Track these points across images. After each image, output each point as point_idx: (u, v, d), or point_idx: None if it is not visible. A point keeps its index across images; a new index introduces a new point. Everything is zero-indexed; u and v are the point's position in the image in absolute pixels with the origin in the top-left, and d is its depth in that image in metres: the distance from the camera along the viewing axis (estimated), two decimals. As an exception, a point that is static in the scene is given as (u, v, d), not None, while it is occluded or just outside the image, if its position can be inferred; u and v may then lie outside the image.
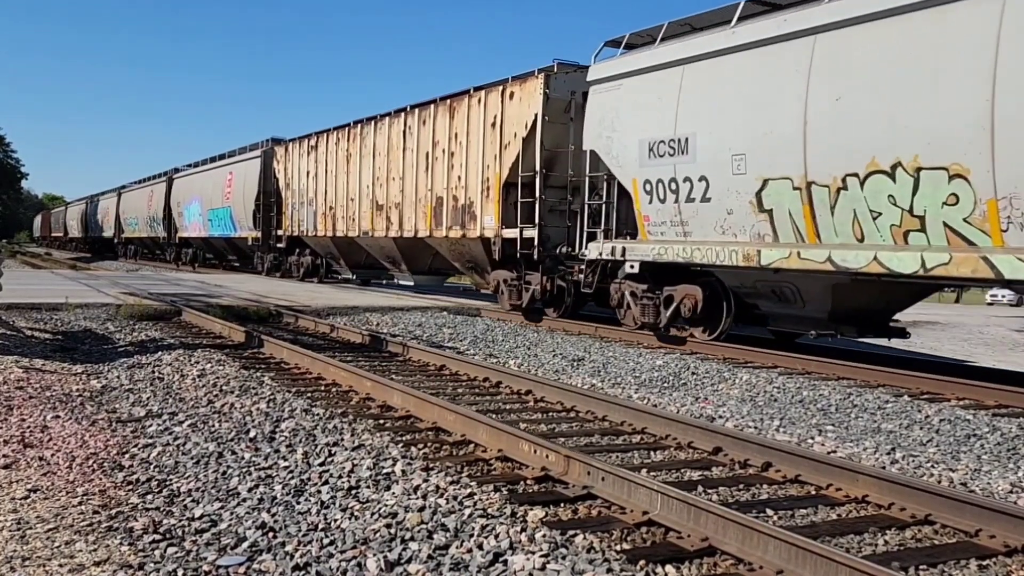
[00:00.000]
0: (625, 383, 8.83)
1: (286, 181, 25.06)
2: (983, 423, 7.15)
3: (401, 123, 18.52)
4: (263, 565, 3.58)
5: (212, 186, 32.12)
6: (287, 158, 25.04)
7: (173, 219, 38.05)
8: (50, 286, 18.53)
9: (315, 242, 23.56)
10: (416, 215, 17.68)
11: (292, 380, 8.21)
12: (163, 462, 5.16)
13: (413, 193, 17.79)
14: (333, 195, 21.65)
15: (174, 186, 37.72)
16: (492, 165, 15.16)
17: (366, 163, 20.01)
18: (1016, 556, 4.00)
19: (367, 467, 4.98)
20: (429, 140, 17.16)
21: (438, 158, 16.87)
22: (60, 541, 3.79)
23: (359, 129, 20.49)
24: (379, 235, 19.38)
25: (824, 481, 5.01)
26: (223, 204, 30.73)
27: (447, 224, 16.55)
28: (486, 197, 15.31)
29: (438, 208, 16.87)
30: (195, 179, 34.98)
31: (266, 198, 26.66)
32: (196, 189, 34.34)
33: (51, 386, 7.34)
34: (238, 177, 29.22)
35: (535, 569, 3.55)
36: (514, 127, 14.59)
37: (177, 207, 37.10)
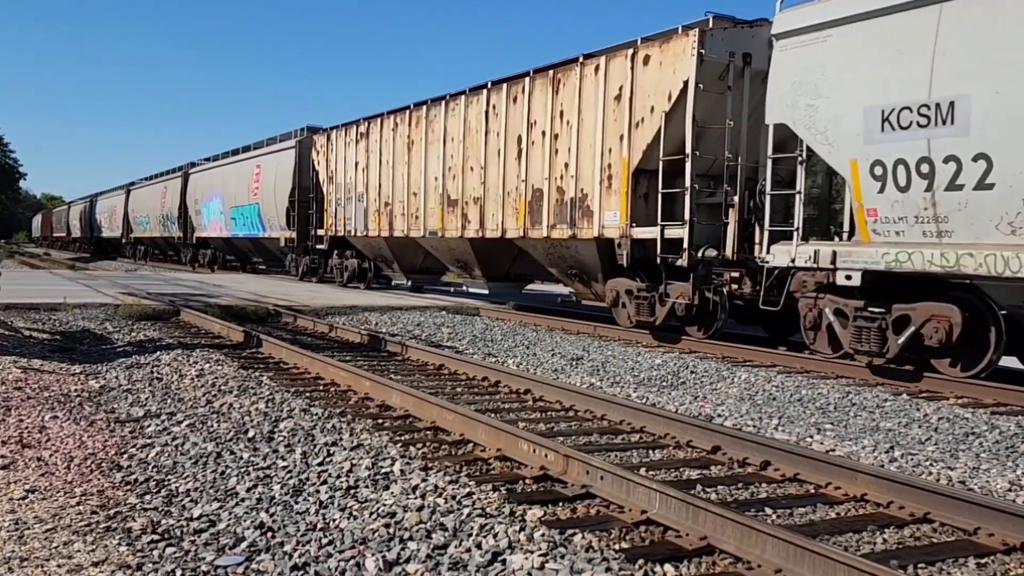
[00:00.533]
0: (624, 382, 8.83)
1: (328, 174, 21.78)
2: (982, 421, 7.15)
3: (482, 102, 15.37)
4: (262, 565, 3.57)
5: (236, 181, 29.13)
6: (329, 148, 21.76)
7: (190, 218, 35.28)
8: (48, 286, 18.51)
9: (364, 243, 20.53)
10: (503, 212, 14.73)
11: (291, 380, 8.21)
12: (161, 462, 5.15)
13: (499, 185, 14.85)
14: (389, 189, 18.70)
15: (190, 182, 35.04)
16: (616, 148, 12.30)
17: (434, 151, 16.96)
18: (1015, 554, 4.00)
19: (366, 467, 4.98)
20: (522, 121, 14.21)
21: (535, 142, 13.96)
22: (58, 541, 3.79)
23: (424, 112, 17.29)
24: (451, 235, 16.41)
25: (823, 480, 5.01)
26: (249, 201, 27.82)
27: (549, 222, 13.68)
28: (607, 188, 12.51)
29: (535, 203, 14.01)
30: (216, 174, 32.06)
31: (302, 194, 23.71)
32: (217, 185, 31.38)
33: (49, 386, 7.33)
34: (268, 171, 26.23)
35: (534, 568, 3.55)
36: (650, 99, 11.77)
37: (194, 204, 34.41)
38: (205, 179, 33.39)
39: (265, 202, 26.39)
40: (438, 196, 16.81)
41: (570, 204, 13.24)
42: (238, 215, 29.13)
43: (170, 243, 40.31)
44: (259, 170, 26.97)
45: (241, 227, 29.09)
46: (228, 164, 30.81)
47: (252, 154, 28.52)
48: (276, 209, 25.37)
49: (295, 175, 24.06)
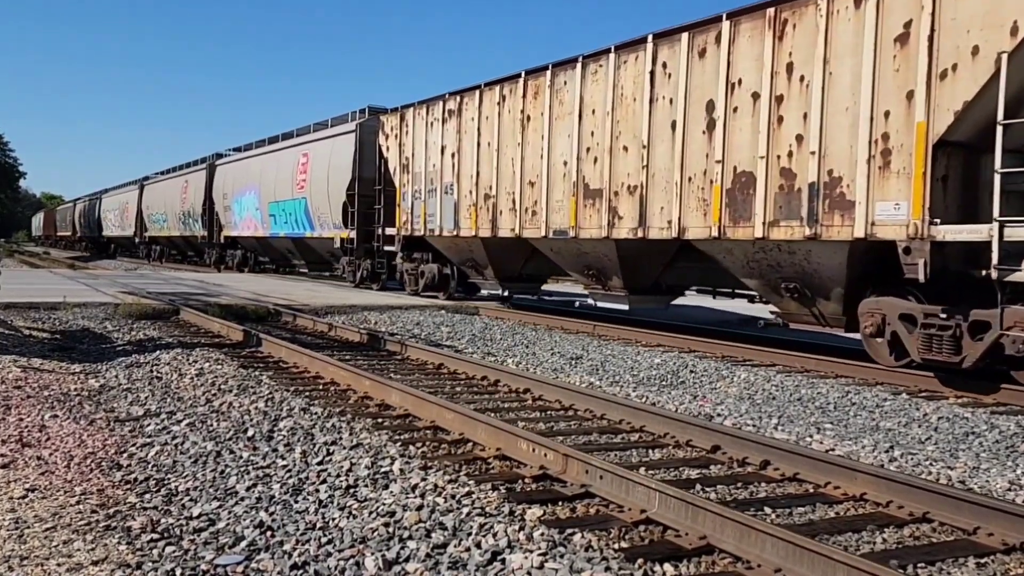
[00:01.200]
0: (623, 381, 8.83)
1: (401, 162, 18.07)
2: (981, 421, 7.15)
3: (643, 61, 11.67)
4: (261, 564, 3.57)
5: (276, 173, 25.51)
6: (403, 130, 18.00)
7: (216, 215, 31.79)
8: (48, 285, 18.52)
9: (449, 245, 16.83)
10: (678, 203, 11.01)
11: (290, 379, 8.21)
12: (161, 461, 5.15)
13: (672, 169, 11.10)
14: (492, 178, 14.88)
15: (217, 174, 31.63)
16: (900, 111, 8.63)
17: (563, 128, 13.22)
18: (1014, 554, 4.00)
19: (365, 466, 4.98)
20: (715, 80, 10.52)
21: (738, 109, 10.22)
22: (58, 540, 3.79)
23: (547, 79, 13.56)
24: (590, 235, 12.64)
25: (822, 479, 5.01)
26: (293, 195, 24.17)
27: (766, 217, 9.84)
28: (880, 168, 8.81)
29: (738, 191, 10.22)
30: (250, 165, 28.43)
31: (364, 186, 20.24)
32: (251, 177, 27.81)
33: (49, 385, 7.33)
34: (318, 160, 22.71)
35: (533, 568, 3.55)
36: (971, 35, 8.00)
37: (223, 200, 30.79)
38: (236, 171, 29.80)
39: (315, 196, 22.78)
40: (569, 185, 13.06)
41: (807, 192, 9.45)
42: (278, 211, 25.60)
43: (191, 243, 36.85)
44: (306, 159, 23.44)
45: (282, 225, 25.52)
46: (266, 154, 27.32)
47: (297, 141, 24.93)
48: (329, 205, 21.89)
49: (355, 164, 20.50)
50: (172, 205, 37.87)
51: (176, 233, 37.88)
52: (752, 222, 10.04)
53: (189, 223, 35.64)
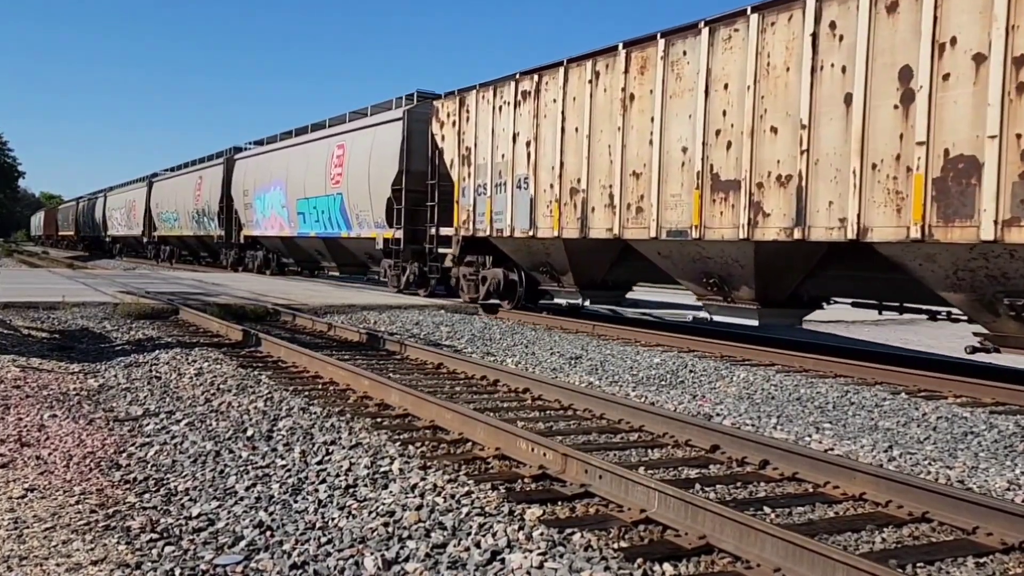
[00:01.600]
0: (623, 381, 8.83)
1: (461, 152, 15.80)
2: (980, 421, 7.16)
3: (798, 22, 9.46)
4: (260, 564, 3.57)
5: (306, 167, 23.26)
6: (463, 117, 15.76)
7: (235, 212, 29.65)
8: (47, 285, 18.51)
9: (520, 246, 14.37)
10: (856, 196, 8.73)
11: (289, 379, 8.21)
12: (160, 461, 5.15)
13: (849, 154, 8.83)
14: (580, 170, 12.52)
15: (237, 169, 29.52)
16: None
17: (680, 107, 10.96)
18: (1013, 554, 4.01)
19: (364, 466, 4.98)
20: (912, 42, 8.28)
21: (950, 75, 7.97)
22: (57, 540, 3.78)
23: (659, 50, 11.27)
24: (719, 235, 10.40)
25: (821, 479, 5.01)
26: (326, 191, 21.81)
27: (999, 213, 7.57)
28: None
29: (950, 180, 7.98)
30: (274, 159, 26.10)
31: (412, 181, 18.11)
32: (276, 172, 25.47)
33: (48, 385, 7.33)
34: (357, 152, 20.42)
35: (532, 567, 3.55)
36: None
37: (243, 197, 28.58)
38: (258, 166, 27.47)
39: (352, 192, 20.43)
40: (690, 177, 10.82)
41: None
42: (308, 209, 23.19)
43: (205, 243, 34.37)
44: (342, 152, 21.05)
45: (312, 224, 23.13)
46: (293, 146, 24.91)
47: (330, 132, 22.53)
48: (370, 201, 19.57)
49: (402, 156, 18.18)
50: (185, 203, 35.49)
51: (189, 233, 35.36)
52: (975, 220, 7.74)
53: (204, 222, 33.16)
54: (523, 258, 14.78)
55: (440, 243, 17.24)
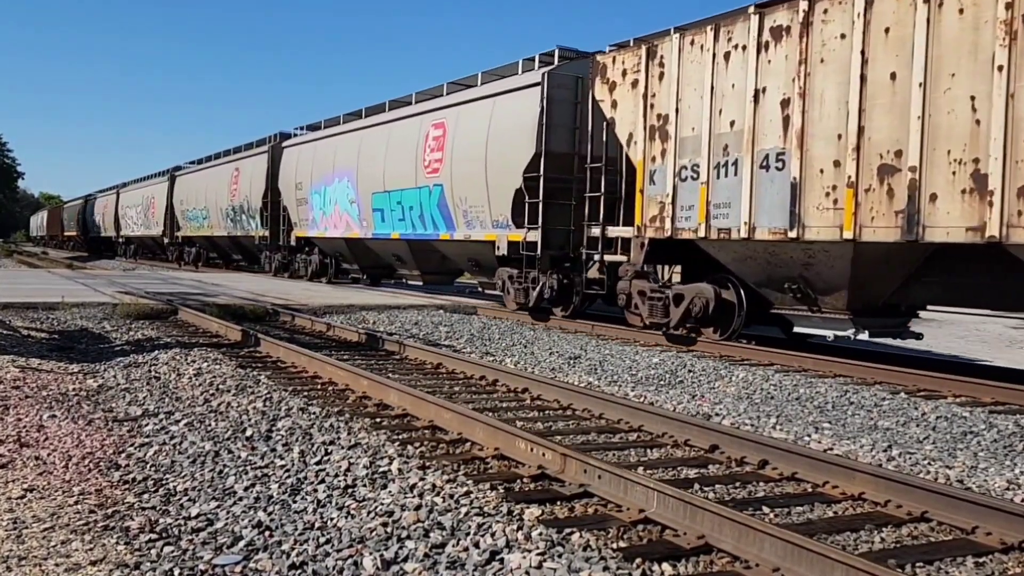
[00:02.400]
0: (622, 381, 8.83)
1: (649, 122, 11.70)
2: (980, 420, 7.16)
3: None
4: (259, 564, 3.57)
5: (385, 153, 19.12)
6: (651, 72, 11.73)
7: (285, 209, 25.53)
8: (47, 285, 18.51)
9: (752, 253, 10.51)
10: None
11: (288, 379, 8.21)
12: (159, 461, 5.15)
13: None
14: (906, 136, 8.53)
15: (285, 159, 25.43)
16: None
17: None
18: (1012, 553, 4.01)
19: (363, 466, 4.98)
20: None
21: None
22: (56, 540, 3.78)
23: None
24: None
25: (821, 478, 5.01)
26: (417, 183, 17.73)
27: None
28: None
29: None
30: (337, 145, 21.84)
31: (553, 165, 13.86)
32: (341, 160, 21.33)
33: (47, 385, 7.33)
34: (465, 131, 16.15)
35: (531, 567, 3.55)
36: None
37: (295, 191, 24.35)
38: (317, 154, 23.02)
39: (459, 183, 16.28)
40: None
41: None
42: (389, 205, 19.14)
43: (241, 244, 30.22)
44: (441, 132, 17.06)
45: (393, 223, 19.10)
46: (368, 128, 20.51)
47: (423, 108, 18.12)
48: (487, 194, 15.37)
49: (540, 133, 13.71)
50: (217, 199, 31.09)
51: (221, 232, 31.00)
52: None
53: (242, 221, 28.89)
54: (755, 270, 10.67)
55: (606, 247, 13.20)
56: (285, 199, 25.40)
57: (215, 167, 32.17)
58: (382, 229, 19.78)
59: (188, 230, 35.98)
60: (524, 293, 14.81)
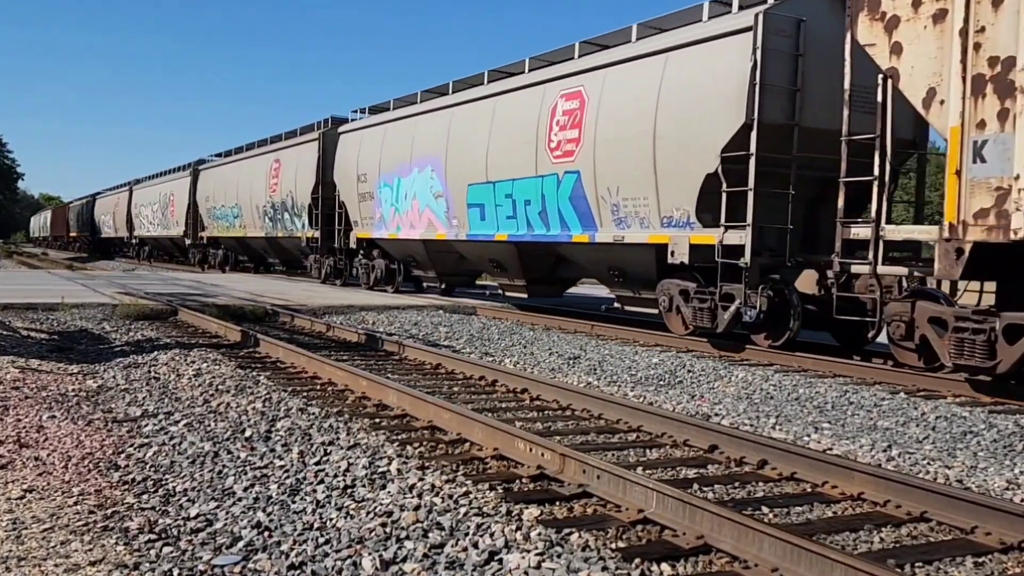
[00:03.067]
0: (621, 381, 8.83)
1: (975, 71, 7.84)
2: (979, 420, 7.16)
3: None
4: (259, 564, 3.57)
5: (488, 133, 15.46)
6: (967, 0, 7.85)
7: (343, 205, 21.25)
8: (46, 286, 18.51)
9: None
10: None
11: (288, 379, 8.21)
12: (159, 462, 5.15)
13: None
14: None
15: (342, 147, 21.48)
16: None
17: None
18: (1012, 553, 4.01)
19: (363, 466, 4.98)
20: None
21: None
22: (56, 541, 3.78)
23: None
24: None
25: (820, 478, 5.01)
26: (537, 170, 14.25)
27: None
28: None
29: None
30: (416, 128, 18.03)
31: (770, 140, 10.46)
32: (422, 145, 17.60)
33: (47, 386, 7.33)
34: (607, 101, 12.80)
35: (530, 567, 3.55)
36: None
37: (356, 185, 20.40)
38: (386, 139, 19.21)
39: (605, 169, 12.77)
40: None
41: None
42: (493, 199, 15.40)
43: (280, 246, 26.48)
44: (578, 103, 13.35)
45: (498, 222, 15.39)
46: (457, 105, 16.78)
47: (547, 75, 14.37)
48: (655, 182, 11.90)
49: (752, 95, 10.38)
50: (252, 194, 27.44)
51: (256, 233, 27.40)
52: None
53: (282, 219, 25.30)
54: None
55: (886, 253, 9.18)
56: (343, 194, 21.30)
57: (249, 159, 28.20)
58: (481, 229, 15.92)
59: (214, 230, 31.90)
60: (709, 315, 11.25)
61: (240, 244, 30.59)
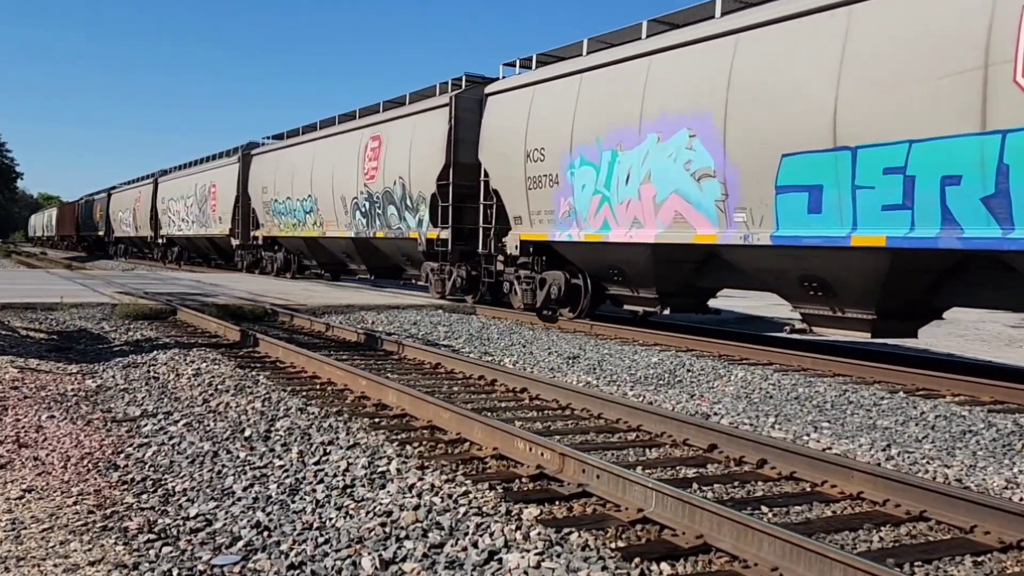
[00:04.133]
0: (620, 380, 8.83)
1: None
2: (979, 419, 7.16)
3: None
4: (258, 564, 3.57)
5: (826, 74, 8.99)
6: None
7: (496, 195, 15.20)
8: (45, 286, 18.50)
9: None
10: None
11: (287, 379, 8.21)
12: (158, 461, 5.15)
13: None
14: None
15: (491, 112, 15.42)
16: None
17: None
18: (1011, 552, 4.01)
19: (362, 466, 4.98)
20: None
21: None
22: (55, 541, 3.78)
23: None
24: None
25: (819, 478, 5.01)
26: None
27: None
28: None
29: None
30: (683, 62, 11.14)
31: None
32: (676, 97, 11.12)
33: (46, 386, 7.32)
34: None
35: (530, 567, 3.55)
36: None
37: (524, 164, 14.10)
38: (574, 95, 13.10)
39: None
40: None
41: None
42: (836, 177, 9.04)
43: (375, 249, 20.21)
44: None
45: (841, 217, 9.06)
46: (751, 27, 10.19)
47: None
48: None
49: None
50: (334, 183, 21.10)
51: (341, 233, 21.05)
52: None
53: (384, 214, 18.89)
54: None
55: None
56: (496, 179, 15.16)
57: (328, 139, 22.16)
58: (813, 228, 9.46)
59: (274, 228, 25.48)
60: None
61: (311, 246, 23.75)
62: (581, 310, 13.93)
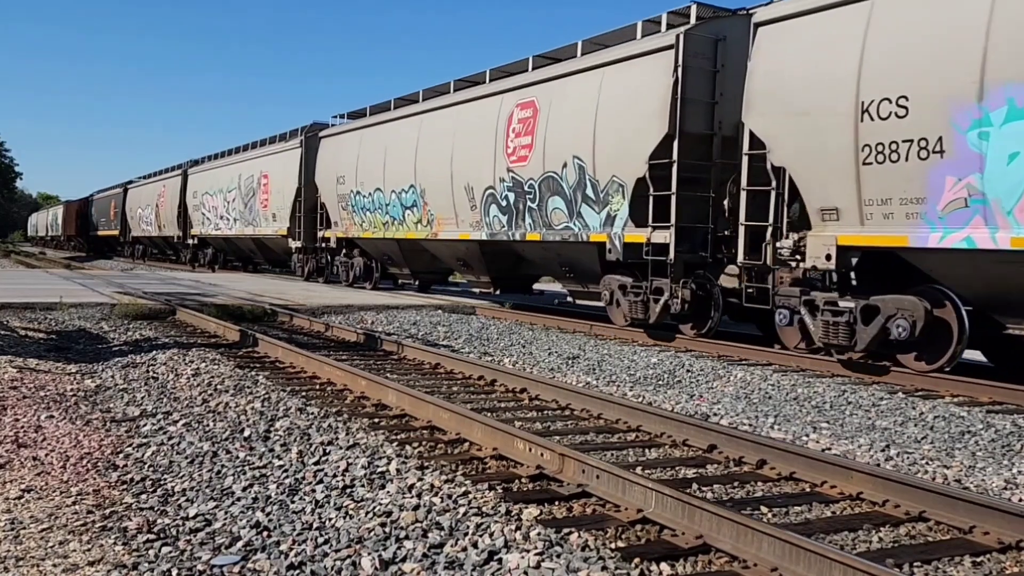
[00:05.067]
0: (620, 381, 8.83)
1: None
2: (977, 420, 7.16)
3: None
4: (258, 564, 3.57)
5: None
6: None
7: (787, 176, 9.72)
8: (44, 285, 18.49)
9: None
10: None
11: (287, 379, 8.20)
12: (157, 461, 5.15)
13: None
14: None
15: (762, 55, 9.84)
16: None
17: None
18: (1010, 552, 4.01)
19: (362, 466, 4.98)
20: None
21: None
22: (54, 541, 3.78)
23: None
24: None
25: (819, 478, 5.01)
26: None
27: None
28: None
29: None
30: None
31: None
32: None
33: (45, 386, 7.32)
34: None
35: (529, 567, 3.55)
36: None
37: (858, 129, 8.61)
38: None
39: None
40: None
41: None
42: None
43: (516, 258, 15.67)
44: None
45: None
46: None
47: None
48: None
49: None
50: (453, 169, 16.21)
51: (454, 234, 16.46)
52: None
53: (541, 210, 13.98)
54: None
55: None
56: (778, 152, 9.87)
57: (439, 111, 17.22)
58: None
59: (353, 228, 20.57)
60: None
61: (406, 250, 18.91)
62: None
